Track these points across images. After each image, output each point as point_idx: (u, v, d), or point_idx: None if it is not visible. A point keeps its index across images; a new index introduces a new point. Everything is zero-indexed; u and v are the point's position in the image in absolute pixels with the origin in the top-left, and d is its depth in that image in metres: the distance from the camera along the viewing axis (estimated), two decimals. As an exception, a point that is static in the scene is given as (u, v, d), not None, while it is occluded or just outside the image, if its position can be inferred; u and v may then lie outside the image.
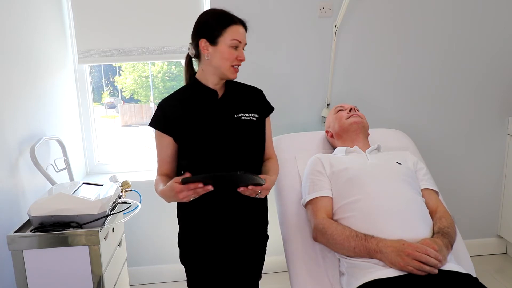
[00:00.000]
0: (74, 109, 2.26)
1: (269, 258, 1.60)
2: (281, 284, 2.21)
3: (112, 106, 5.33)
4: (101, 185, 1.68)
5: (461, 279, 1.21)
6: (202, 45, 1.31)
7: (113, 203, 1.60)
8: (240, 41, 1.32)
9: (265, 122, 1.46)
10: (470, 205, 2.48)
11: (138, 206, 1.68)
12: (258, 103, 1.45)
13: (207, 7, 2.16)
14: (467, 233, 2.36)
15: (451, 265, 1.24)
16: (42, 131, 1.85)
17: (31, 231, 1.40)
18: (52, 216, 1.42)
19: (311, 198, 1.51)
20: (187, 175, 1.18)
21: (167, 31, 2.21)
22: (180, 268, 1.48)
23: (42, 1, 1.94)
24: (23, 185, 1.66)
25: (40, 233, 1.39)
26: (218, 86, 1.39)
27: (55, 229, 1.40)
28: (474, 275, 1.30)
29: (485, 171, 2.45)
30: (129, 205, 1.69)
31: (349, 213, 1.41)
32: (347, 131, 1.73)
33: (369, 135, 1.78)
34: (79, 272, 1.43)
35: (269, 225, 1.52)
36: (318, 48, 2.21)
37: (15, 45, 1.67)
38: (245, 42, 1.35)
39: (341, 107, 1.84)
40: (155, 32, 2.20)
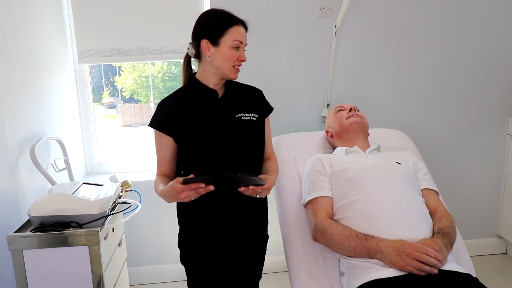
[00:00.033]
0: (74, 109, 2.26)
1: (269, 258, 1.60)
2: (281, 284, 2.21)
3: (112, 106, 5.32)
4: (101, 185, 1.68)
5: (461, 279, 1.21)
6: (203, 45, 1.31)
7: (113, 203, 1.60)
8: (241, 42, 1.32)
9: (265, 122, 1.46)
10: (470, 205, 2.48)
11: (138, 206, 1.68)
12: (258, 103, 1.45)
13: (207, 7, 2.16)
14: (467, 233, 2.36)
15: (451, 265, 1.24)
16: (42, 131, 1.85)
17: (31, 231, 1.40)
18: (52, 216, 1.42)
19: (311, 198, 1.51)
20: (191, 177, 1.17)
21: (167, 31, 2.21)
22: (180, 268, 1.48)
23: (42, 1, 1.94)
24: (23, 185, 1.66)
25: (40, 233, 1.39)
26: (218, 86, 1.39)
27: (55, 229, 1.40)
28: (474, 275, 1.30)
29: (485, 171, 2.45)
30: (129, 205, 1.69)
31: (349, 213, 1.41)
32: (347, 131, 1.73)
33: (369, 135, 1.78)
34: (79, 272, 1.43)
35: (269, 225, 1.52)
36: (318, 48, 2.21)
37: (15, 45, 1.67)
38: (246, 42, 1.35)
39: (341, 107, 1.84)
40: (155, 32, 2.21)
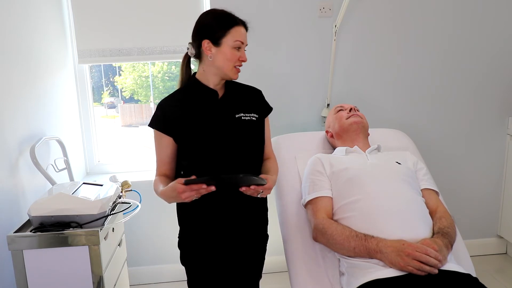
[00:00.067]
0: (74, 109, 2.26)
1: (269, 258, 1.60)
2: (281, 284, 2.21)
3: (112, 106, 5.32)
4: (101, 185, 1.68)
5: (461, 279, 1.21)
6: (205, 45, 1.31)
7: (113, 203, 1.60)
8: (242, 42, 1.32)
9: (264, 122, 1.46)
10: (470, 205, 2.48)
11: (138, 206, 1.68)
12: (257, 103, 1.45)
13: (207, 7, 2.16)
14: (467, 233, 2.36)
15: (451, 265, 1.24)
16: (42, 131, 1.85)
17: (31, 231, 1.40)
18: (52, 216, 1.42)
19: (311, 198, 1.51)
20: (193, 178, 1.17)
21: (167, 31, 2.21)
22: (180, 268, 1.48)
23: (42, 1, 1.94)
24: (23, 185, 1.66)
25: (40, 233, 1.39)
26: (218, 86, 1.39)
27: (55, 229, 1.40)
28: (474, 275, 1.30)
29: (485, 171, 2.45)
30: (129, 205, 1.69)
31: (349, 213, 1.41)
32: (347, 131, 1.73)
33: (369, 135, 1.78)
34: (79, 272, 1.43)
35: (269, 225, 1.52)
36: (318, 48, 2.21)
37: (15, 45, 1.67)
38: (246, 43, 1.35)
39: (341, 107, 1.84)
40: (155, 32, 2.20)
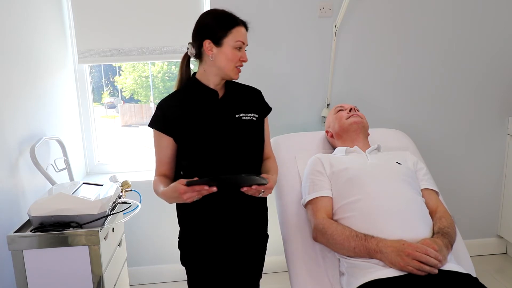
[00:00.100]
0: (74, 109, 2.26)
1: (269, 258, 1.60)
2: (281, 284, 2.21)
3: (112, 106, 5.31)
4: (101, 185, 1.68)
5: (461, 279, 1.21)
6: (206, 45, 1.31)
7: (113, 203, 1.60)
8: (243, 42, 1.32)
9: (264, 122, 1.46)
10: (470, 205, 2.48)
11: (138, 206, 1.68)
12: (257, 103, 1.45)
13: (207, 7, 2.16)
14: (467, 233, 2.36)
15: (451, 265, 1.24)
16: (42, 131, 1.85)
17: (31, 231, 1.40)
18: (52, 216, 1.42)
19: (311, 198, 1.51)
20: (195, 179, 1.17)
21: (167, 31, 2.21)
22: (180, 268, 1.48)
23: (42, 1, 1.94)
24: (23, 185, 1.66)
25: (40, 233, 1.39)
26: (219, 86, 1.39)
27: (55, 229, 1.40)
28: (474, 275, 1.30)
29: (485, 171, 2.45)
30: (129, 205, 1.69)
31: (349, 213, 1.41)
32: (347, 131, 1.73)
33: (369, 135, 1.78)
34: (79, 272, 1.43)
35: (269, 225, 1.52)
36: (318, 48, 2.21)
37: (15, 45, 1.67)
38: (247, 43, 1.35)
39: (341, 107, 1.84)
40: (155, 32, 2.20)
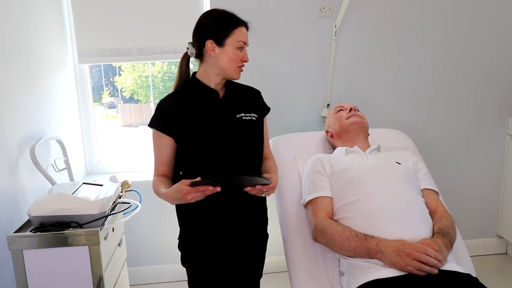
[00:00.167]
0: (74, 109, 2.26)
1: (269, 258, 1.59)
2: (281, 284, 2.21)
3: (112, 106, 5.31)
4: (101, 185, 1.68)
5: (461, 279, 1.21)
6: (208, 46, 1.31)
7: (113, 203, 1.60)
8: (245, 42, 1.33)
9: (263, 122, 1.47)
10: (470, 205, 2.48)
11: (138, 206, 1.68)
12: (257, 103, 1.46)
13: (207, 7, 2.16)
14: (467, 233, 2.36)
15: (451, 265, 1.24)
16: (42, 131, 1.85)
17: (31, 231, 1.40)
18: (52, 216, 1.42)
19: (311, 198, 1.51)
20: (198, 179, 1.17)
21: (167, 31, 2.21)
22: (180, 268, 1.47)
23: (42, 1, 1.94)
24: (23, 185, 1.66)
25: (40, 233, 1.39)
26: (219, 86, 1.39)
27: (55, 229, 1.40)
28: (474, 275, 1.30)
29: (485, 171, 2.45)
30: (129, 205, 1.69)
31: (349, 213, 1.41)
32: (347, 131, 1.73)
33: (369, 135, 1.78)
34: (79, 272, 1.43)
35: (269, 225, 1.52)
36: (318, 48, 2.21)
37: (15, 45, 1.67)
38: (248, 43, 1.35)
39: (341, 107, 1.84)
40: (155, 32, 2.20)
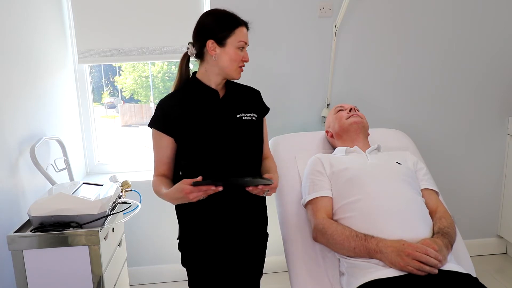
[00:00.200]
0: (74, 109, 2.26)
1: (269, 258, 1.59)
2: (281, 284, 2.21)
3: (112, 106, 5.31)
4: (101, 185, 1.68)
5: (461, 279, 1.21)
6: (209, 45, 1.30)
7: (113, 203, 1.60)
8: (245, 42, 1.33)
9: (263, 122, 1.47)
10: (470, 205, 2.48)
11: (138, 206, 1.68)
12: (256, 103, 1.46)
13: (207, 7, 2.16)
14: (467, 233, 2.36)
15: (451, 265, 1.24)
16: (42, 131, 1.85)
17: (31, 231, 1.40)
18: (52, 216, 1.42)
19: (311, 198, 1.51)
20: (199, 179, 1.17)
21: (167, 31, 2.21)
22: (180, 268, 1.47)
23: (42, 1, 1.94)
24: (23, 185, 1.66)
25: (40, 233, 1.39)
26: (219, 86, 1.39)
27: (55, 229, 1.40)
28: (474, 275, 1.30)
29: (485, 171, 2.45)
30: (129, 205, 1.69)
31: (349, 213, 1.41)
32: (347, 131, 1.73)
33: (369, 135, 1.78)
34: (79, 272, 1.43)
35: (269, 225, 1.52)
36: (318, 48, 2.21)
37: (15, 45, 1.67)
38: (248, 43, 1.35)
39: (341, 107, 1.84)
40: (155, 32, 2.20)
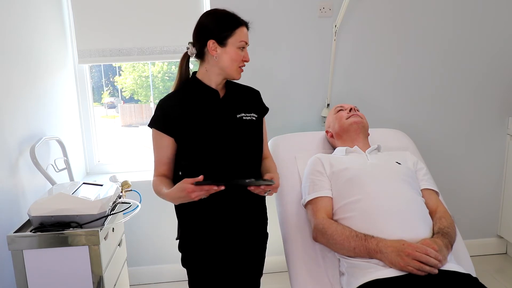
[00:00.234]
0: (74, 109, 2.26)
1: (269, 258, 1.60)
2: (281, 284, 2.21)
3: (112, 106, 5.31)
4: (101, 185, 1.68)
5: (461, 279, 1.21)
6: (210, 45, 1.30)
7: (113, 203, 1.60)
8: (246, 42, 1.33)
9: (262, 122, 1.47)
10: (470, 205, 2.48)
11: (138, 206, 1.68)
12: (256, 103, 1.46)
13: (207, 7, 2.16)
14: (467, 233, 2.36)
15: (451, 265, 1.24)
16: (42, 131, 1.85)
17: (31, 231, 1.40)
18: (52, 216, 1.42)
19: (311, 198, 1.51)
20: (200, 178, 1.17)
21: (167, 31, 2.21)
22: (180, 268, 1.47)
23: (42, 1, 1.94)
24: (23, 185, 1.66)
25: (40, 233, 1.39)
26: (220, 86, 1.39)
27: (55, 229, 1.40)
28: (474, 275, 1.30)
29: (485, 171, 2.45)
30: (129, 205, 1.69)
31: (349, 213, 1.41)
32: (347, 131, 1.73)
33: (369, 135, 1.78)
34: (79, 272, 1.43)
35: (269, 224, 1.52)
36: (318, 48, 2.21)
37: (15, 45, 1.67)
38: (249, 43, 1.35)
39: (341, 107, 1.84)
40: (155, 32, 2.20)
